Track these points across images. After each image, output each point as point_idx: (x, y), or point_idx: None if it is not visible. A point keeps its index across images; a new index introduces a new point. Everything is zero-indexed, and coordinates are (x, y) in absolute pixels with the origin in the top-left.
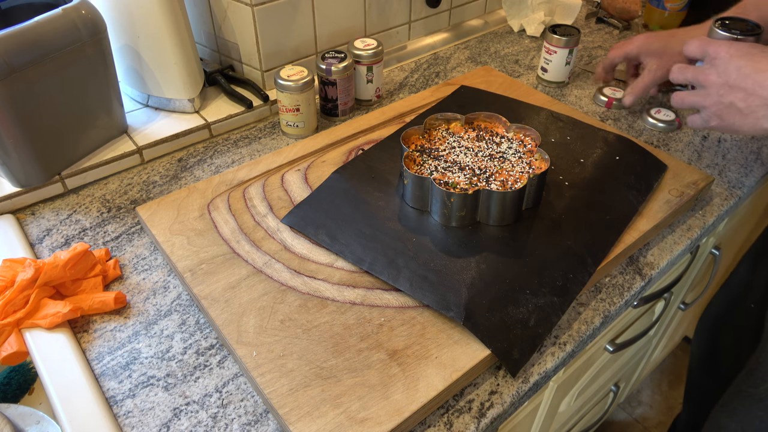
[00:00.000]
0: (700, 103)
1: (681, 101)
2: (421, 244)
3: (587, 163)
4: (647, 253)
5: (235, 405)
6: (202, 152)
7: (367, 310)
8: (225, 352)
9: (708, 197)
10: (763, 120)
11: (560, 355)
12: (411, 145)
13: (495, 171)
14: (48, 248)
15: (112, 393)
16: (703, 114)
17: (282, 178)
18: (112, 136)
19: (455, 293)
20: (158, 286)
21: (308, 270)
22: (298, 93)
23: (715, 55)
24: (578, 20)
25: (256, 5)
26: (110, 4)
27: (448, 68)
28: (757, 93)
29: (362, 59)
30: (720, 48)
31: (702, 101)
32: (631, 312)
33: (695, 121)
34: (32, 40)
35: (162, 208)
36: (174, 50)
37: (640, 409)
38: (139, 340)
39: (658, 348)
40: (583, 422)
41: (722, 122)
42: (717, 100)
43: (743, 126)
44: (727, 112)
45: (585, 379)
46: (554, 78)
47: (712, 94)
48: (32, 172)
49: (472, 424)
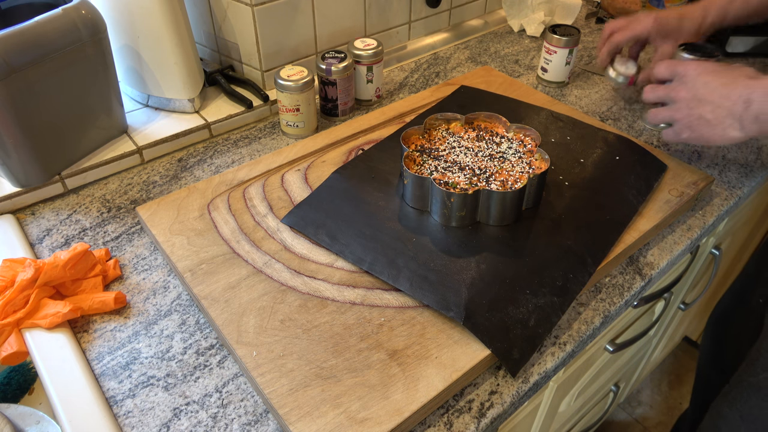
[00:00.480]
0: (673, 117)
1: (655, 117)
2: (421, 244)
3: (587, 163)
4: (647, 253)
5: (235, 405)
6: (202, 152)
7: (367, 310)
8: (225, 352)
9: (708, 197)
10: (729, 129)
11: (560, 355)
12: (411, 145)
13: (495, 171)
14: (48, 248)
15: (112, 393)
16: (676, 127)
17: (282, 178)
18: (112, 136)
19: (455, 293)
20: (158, 286)
21: (308, 270)
22: (298, 93)
23: (684, 73)
24: (578, 20)
25: (256, 5)
26: (110, 4)
27: (448, 68)
28: (723, 105)
29: (362, 59)
30: (688, 67)
31: (674, 115)
32: (631, 312)
33: (669, 135)
34: (32, 40)
35: (162, 208)
36: (174, 50)
37: (640, 409)
38: (139, 340)
39: (658, 348)
40: (583, 422)
41: (693, 133)
42: (687, 113)
43: (712, 135)
44: (697, 124)
45: (585, 379)
46: (554, 78)
47: (683, 108)
48: (32, 172)
49: (472, 424)
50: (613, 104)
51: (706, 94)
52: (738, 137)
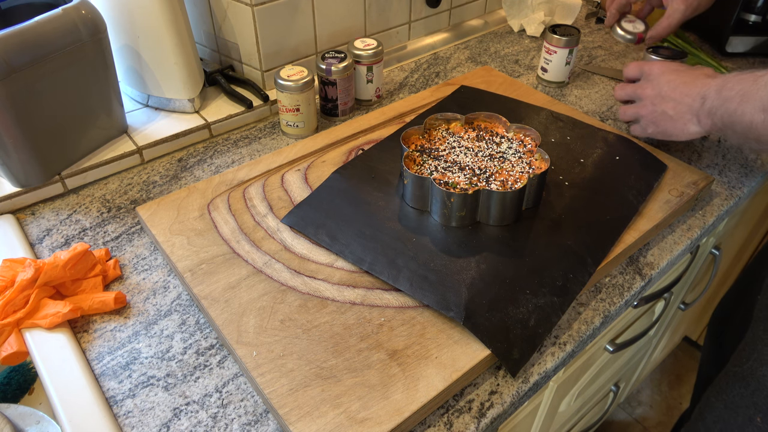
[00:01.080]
0: (639, 113)
1: (624, 114)
2: (421, 244)
3: (587, 163)
4: (647, 253)
5: (235, 405)
6: (202, 152)
7: (367, 310)
8: (225, 352)
9: (708, 197)
10: (689, 124)
11: (560, 355)
12: (411, 145)
13: (495, 171)
14: (48, 248)
15: (112, 393)
16: (642, 122)
17: (282, 178)
18: (112, 136)
19: (455, 293)
20: (158, 286)
21: (308, 270)
22: (298, 93)
23: (649, 72)
24: (578, 20)
25: (256, 5)
26: (110, 4)
27: (448, 68)
28: (683, 102)
29: (362, 59)
30: (653, 66)
31: (639, 111)
32: (631, 312)
33: (636, 130)
34: (32, 40)
35: (162, 208)
36: (174, 50)
37: (640, 409)
38: (139, 340)
39: (658, 348)
40: (583, 422)
41: (657, 128)
42: (652, 110)
43: (674, 130)
44: (661, 119)
45: (585, 379)
46: (554, 78)
47: (648, 104)
48: (32, 172)
49: (472, 424)
50: (613, 104)
51: (669, 92)
52: (697, 131)
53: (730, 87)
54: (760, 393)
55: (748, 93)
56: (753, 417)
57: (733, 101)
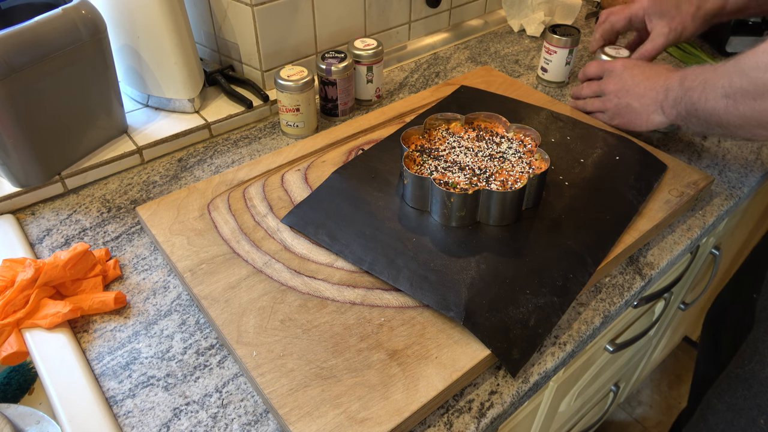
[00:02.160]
0: (605, 106)
1: (591, 105)
2: (421, 244)
3: (587, 163)
4: (647, 253)
5: (235, 405)
6: (202, 152)
7: (367, 310)
8: (225, 352)
9: (708, 197)
10: (653, 115)
11: (560, 355)
12: (411, 145)
13: (495, 171)
14: (48, 248)
15: (112, 393)
16: (607, 114)
17: (282, 178)
18: (112, 136)
19: (455, 293)
20: (158, 286)
21: (308, 270)
22: (298, 93)
23: (612, 69)
24: (578, 20)
25: (256, 5)
26: (110, 4)
27: (448, 68)
28: (647, 95)
29: (362, 59)
30: (615, 64)
31: (605, 105)
32: (631, 312)
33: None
34: (32, 40)
35: (162, 208)
36: (174, 50)
37: (640, 409)
38: (139, 340)
39: (658, 348)
40: (583, 422)
41: (622, 119)
42: (617, 103)
43: (638, 121)
44: (626, 111)
45: (585, 379)
46: (554, 78)
47: (612, 98)
48: (32, 172)
49: (472, 424)
50: None
51: (633, 87)
52: (661, 121)
53: (692, 78)
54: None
55: (710, 81)
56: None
57: (695, 90)
